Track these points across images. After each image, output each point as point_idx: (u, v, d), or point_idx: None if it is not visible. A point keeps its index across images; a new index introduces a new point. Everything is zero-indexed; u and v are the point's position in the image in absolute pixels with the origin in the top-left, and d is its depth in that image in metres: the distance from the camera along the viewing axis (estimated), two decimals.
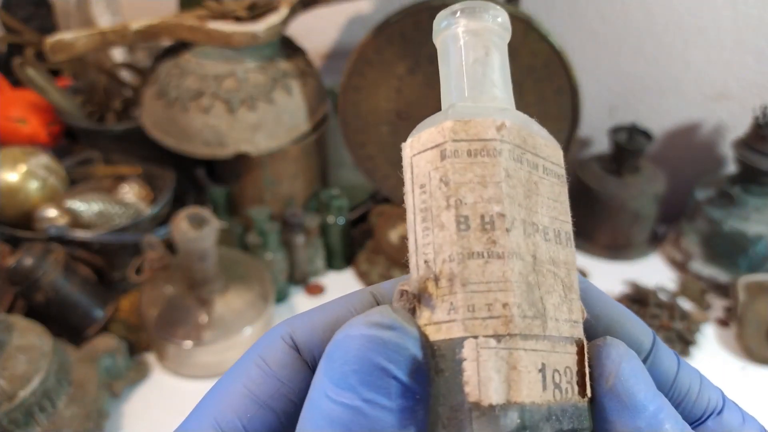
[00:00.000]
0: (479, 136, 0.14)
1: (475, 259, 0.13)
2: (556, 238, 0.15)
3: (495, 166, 0.14)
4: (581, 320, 0.15)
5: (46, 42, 0.63)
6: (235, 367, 0.15)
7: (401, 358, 0.12)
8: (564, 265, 0.15)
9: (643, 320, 0.17)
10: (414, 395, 0.12)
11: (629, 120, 0.77)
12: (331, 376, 0.12)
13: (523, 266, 0.13)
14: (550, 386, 0.13)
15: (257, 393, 0.14)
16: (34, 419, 0.47)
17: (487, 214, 0.14)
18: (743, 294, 0.66)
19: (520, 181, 0.14)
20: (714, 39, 0.73)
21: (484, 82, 0.16)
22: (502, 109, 0.15)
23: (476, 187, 0.14)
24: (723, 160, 0.81)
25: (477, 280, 0.13)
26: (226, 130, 0.63)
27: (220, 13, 0.64)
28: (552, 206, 0.15)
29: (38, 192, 0.63)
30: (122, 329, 0.61)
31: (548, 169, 0.15)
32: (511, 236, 0.13)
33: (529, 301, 0.13)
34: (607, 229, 0.76)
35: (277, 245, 0.67)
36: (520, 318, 0.13)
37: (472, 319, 0.13)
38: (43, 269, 0.56)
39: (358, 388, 0.12)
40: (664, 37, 0.74)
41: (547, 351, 0.13)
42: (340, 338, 0.13)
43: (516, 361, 0.13)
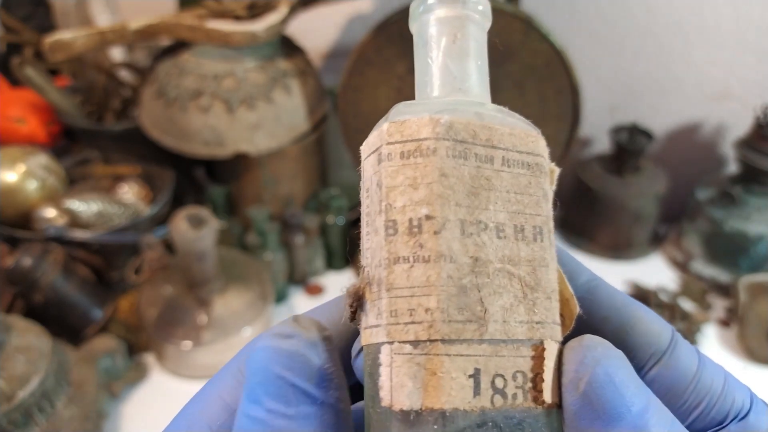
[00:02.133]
0: (413, 136, 0.14)
1: (401, 264, 0.13)
2: (517, 234, 0.14)
3: (427, 166, 0.13)
4: (552, 321, 0.14)
5: (45, 41, 0.63)
6: (214, 377, 0.15)
7: (297, 365, 0.13)
8: (527, 263, 0.14)
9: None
10: (315, 401, 0.12)
11: (630, 120, 0.77)
12: (246, 392, 0.13)
13: (455, 269, 0.13)
14: (487, 392, 0.13)
15: (229, 401, 0.14)
16: (33, 420, 0.47)
17: (416, 217, 0.13)
18: (744, 294, 0.66)
19: (461, 179, 0.13)
20: (715, 39, 0.73)
21: (454, 74, 0.16)
22: (470, 103, 0.15)
23: (407, 189, 0.14)
24: (724, 160, 0.81)
25: (401, 285, 0.13)
26: (225, 129, 0.63)
27: (220, 13, 0.63)
28: (514, 200, 0.14)
29: (37, 192, 0.63)
30: (121, 330, 0.61)
31: (511, 161, 0.14)
32: (441, 239, 0.13)
33: (460, 304, 0.13)
34: (608, 229, 0.75)
35: (277, 245, 0.66)
36: (443, 323, 0.13)
37: (394, 324, 0.13)
38: (42, 269, 0.56)
39: (263, 399, 0.12)
40: (665, 37, 0.74)
41: (486, 355, 0.13)
42: (251, 353, 0.13)
43: (436, 367, 0.13)
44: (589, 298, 0.15)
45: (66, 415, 0.49)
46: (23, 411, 0.46)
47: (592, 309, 0.15)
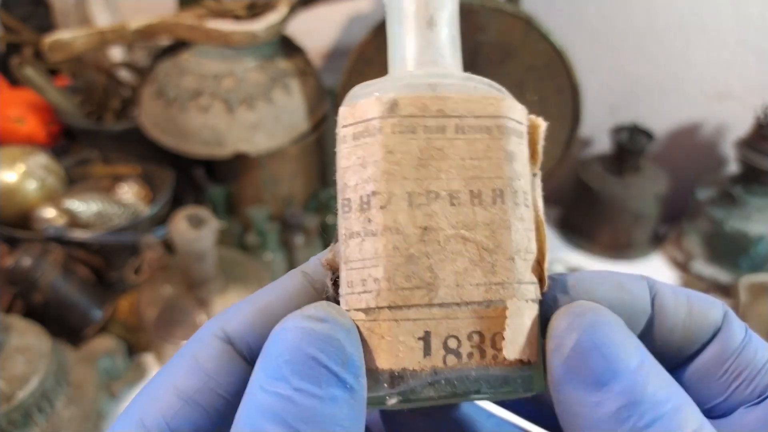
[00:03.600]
0: (362, 117, 0.14)
1: (354, 239, 0.14)
2: (474, 200, 0.14)
3: (373, 146, 0.14)
4: (516, 281, 0.14)
5: (45, 41, 0.63)
6: (166, 365, 0.15)
7: (332, 348, 0.13)
8: (485, 226, 0.14)
9: None
10: (345, 384, 0.13)
11: (630, 119, 0.76)
12: (265, 367, 0.13)
13: (401, 240, 0.14)
14: (439, 352, 0.13)
15: (183, 389, 0.14)
16: (33, 420, 0.47)
17: (365, 194, 0.14)
18: (745, 294, 0.66)
19: (409, 153, 0.14)
20: (716, 38, 0.73)
21: (421, 46, 0.16)
22: (429, 75, 0.15)
23: (358, 169, 0.14)
24: (724, 160, 0.81)
25: (355, 258, 0.14)
26: (224, 129, 0.63)
27: (219, 12, 0.63)
28: (470, 165, 0.14)
29: (36, 192, 0.63)
30: (121, 330, 0.61)
31: (467, 127, 0.14)
32: (387, 212, 0.14)
33: (407, 272, 0.14)
34: (608, 229, 0.75)
35: (277, 245, 0.66)
36: (389, 291, 0.14)
37: (351, 294, 0.14)
38: (42, 269, 0.56)
39: (290, 378, 0.12)
40: (666, 37, 0.74)
41: (437, 318, 0.14)
42: (276, 332, 0.13)
43: (384, 331, 0.14)
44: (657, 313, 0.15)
45: (65, 415, 0.49)
46: (23, 411, 0.46)
47: (656, 324, 0.15)
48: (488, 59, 0.61)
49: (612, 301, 0.15)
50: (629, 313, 0.15)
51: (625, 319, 0.15)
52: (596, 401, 0.12)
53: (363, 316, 0.14)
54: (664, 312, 0.15)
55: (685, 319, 0.15)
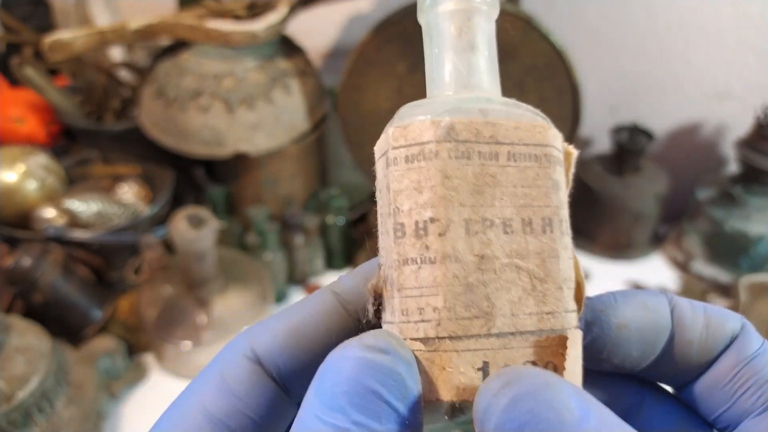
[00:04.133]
0: (416, 140, 0.14)
1: (410, 266, 0.14)
2: (525, 228, 0.14)
3: (429, 170, 0.14)
4: (563, 310, 0.14)
5: (45, 41, 0.63)
6: (193, 384, 0.14)
7: (393, 382, 0.12)
8: (536, 255, 0.14)
9: None
10: (404, 421, 0.12)
11: (630, 120, 0.76)
12: (321, 396, 0.12)
13: (460, 268, 0.14)
14: None
15: (212, 410, 0.14)
16: (33, 420, 0.47)
17: (421, 220, 0.14)
18: (745, 294, 0.66)
19: (465, 179, 0.14)
20: (716, 38, 0.73)
21: (460, 70, 0.16)
22: (476, 99, 0.15)
23: (412, 193, 0.14)
24: (724, 160, 0.81)
25: (411, 285, 0.14)
26: (224, 129, 0.63)
27: (219, 12, 0.63)
28: (521, 194, 0.14)
29: (36, 192, 0.63)
30: (121, 330, 0.61)
31: (518, 154, 0.14)
32: (446, 240, 0.14)
33: (467, 302, 0.13)
34: (608, 229, 0.75)
35: (277, 245, 0.66)
36: (449, 321, 0.13)
37: (406, 322, 0.14)
38: (42, 269, 0.56)
39: (348, 410, 0.12)
40: (666, 37, 0.74)
41: (494, 348, 0.13)
42: (333, 359, 0.13)
43: (445, 362, 0.13)
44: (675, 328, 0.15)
45: (65, 415, 0.49)
46: (23, 411, 0.46)
47: (680, 337, 0.15)
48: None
49: (639, 322, 0.15)
50: (655, 332, 0.15)
51: (651, 338, 0.15)
52: None
53: (422, 346, 0.14)
54: (682, 325, 0.15)
55: (702, 331, 0.15)
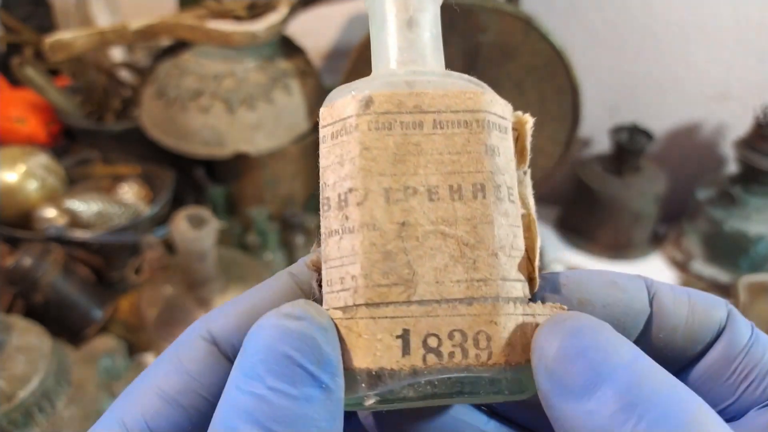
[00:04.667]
0: (340, 116, 0.14)
1: (333, 237, 0.14)
2: (453, 195, 0.14)
3: (350, 143, 0.14)
4: (500, 278, 0.14)
5: (45, 41, 0.63)
6: (150, 366, 0.15)
7: (307, 347, 0.12)
8: (466, 222, 0.14)
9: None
10: (321, 384, 0.12)
11: (630, 120, 0.77)
12: (241, 366, 0.12)
13: (378, 236, 0.13)
14: (418, 351, 0.13)
15: (165, 389, 0.14)
16: (33, 420, 0.47)
17: (342, 192, 0.14)
18: (744, 294, 0.66)
19: (385, 149, 0.14)
20: (715, 39, 0.73)
21: (400, 47, 0.16)
22: (407, 73, 0.15)
23: (336, 167, 0.14)
24: (724, 160, 0.81)
25: (334, 256, 0.14)
26: (225, 129, 0.63)
27: (220, 13, 0.63)
28: (449, 160, 0.14)
29: (37, 192, 0.63)
30: (121, 330, 0.61)
31: (444, 122, 0.14)
32: (364, 209, 0.14)
33: (385, 269, 0.13)
34: (608, 229, 0.75)
35: (277, 245, 0.66)
36: (366, 288, 0.13)
37: (330, 292, 0.14)
38: (42, 269, 0.56)
39: (264, 377, 0.12)
40: (665, 37, 0.74)
41: (416, 316, 0.13)
42: (253, 330, 0.13)
43: (361, 329, 0.13)
44: (656, 312, 0.15)
45: (66, 415, 0.49)
46: (23, 411, 0.46)
47: (657, 324, 0.15)
48: (488, 59, 0.61)
49: (605, 300, 0.14)
50: (625, 312, 0.14)
51: (621, 318, 0.14)
52: (588, 410, 0.12)
53: (341, 314, 0.14)
54: (664, 311, 0.15)
55: (688, 318, 0.14)
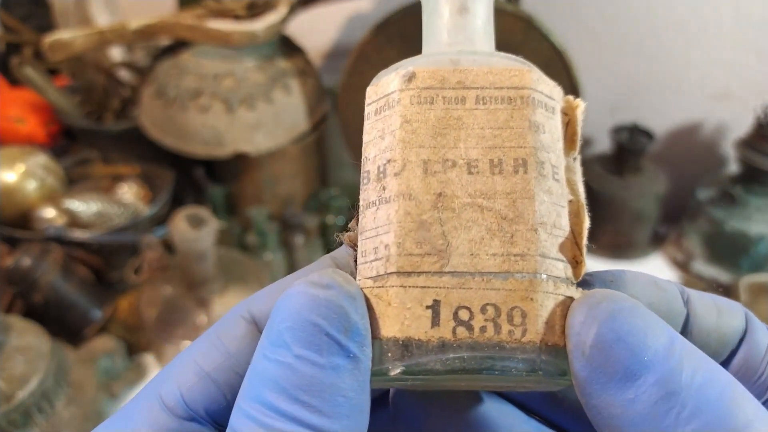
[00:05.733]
0: (383, 93, 0.15)
1: (370, 208, 0.14)
2: (494, 169, 0.14)
3: (392, 117, 0.14)
4: (540, 254, 0.13)
5: (45, 41, 0.63)
6: (191, 344, 0.15)
7: (335, 315, 0.12)
8: (505, 196, 0.13)
9: None
10: (348, 354, 0.12)
11: (630, 119, 0.76)
12: (269, 334, 0.12)
13: (414, 206, 0.13)
14: (448, 323, 0.13)
15: (202, 364, 0.14)
16: (33, 420, 0.47)
17: (381, 164, 0.14)
18: (745, 294, 0.66)
19: (426, 122, 0.14)
20: (716, 38, 0.73)
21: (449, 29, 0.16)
22: (455, 52, 0.15)
23: (377, 141, 0.14)
24: (725, 160, 0.81)
25: (370, 227, 0.14)
26: (224, 129, 0.63)
27: (219, 12, 0.63)
28: (490, 135, 0.14)
29: (36, 192, 0.63)
30: (121, 330, 0.61)
31: (487, 98, 0.14)
32: (401, 178, 0.14)
33: (418, 238, 0.13)
34: (609, 229, 0.75)
35: (277, 245, 0.66)
36: (398, 256, 0.13)
37: (363, 263, 0.14)
38: (42, 269, 0.56)
39: (291, 345, 0.12)
40: (666, 37, 0.74)
41: (449, 288, 0.13)
42: (281, 298, 0.13)
43: (391, 298, 0.13)
44: (691, 316, 0.15)
45: (65, 415, 0.49)
46: (22, 411, 0.46)
47: (694, 327, 0.14)
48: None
49: (650, 298, 0.14)
50: (666, 312, 0.14)
51: (664, 318, 0.14)
52: (630, 398, 0.11)
53: (371, 283, 0.13)
54: (698, 314, 0.14)
55: (717, 321, 0.14)
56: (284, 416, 0.12)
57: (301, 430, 0.11)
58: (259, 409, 0.12)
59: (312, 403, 0.12)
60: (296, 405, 0.12)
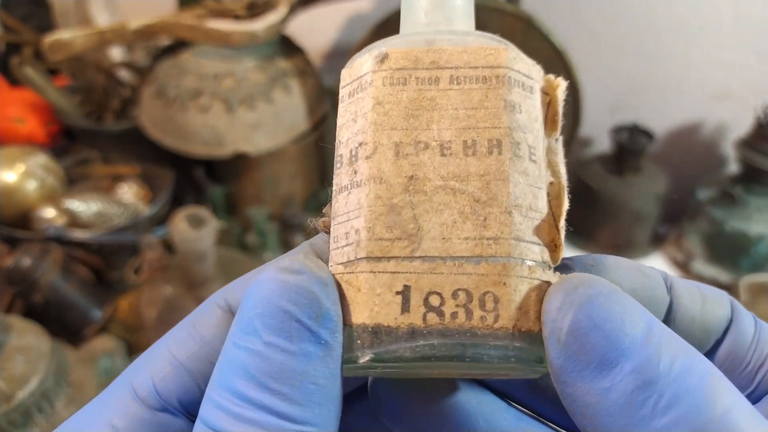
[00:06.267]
0: (357, 75, 0.14)
1: (342, 193, 0.14)
2: (467, 150, 0.13)
3: (364, 99, 0.14)
4: (514, 237, 0.13)
5: (45, 41, 0.63)
6: (168, 333, 0.15)
7: (306, 301, 0.12)
8: (479, 178, 0.13)
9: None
10: (320, 340, 0.12)
11: (630, 119, 0.76)
12: (239, 322, 0.12)
13: (385, 189, 0.13)
14: (419, 309, 0.12)
15: (176, 353, 0.14)
16: (33, 420, 0.47)
17: (354, 147, 0.14)
18: (745, 294, 0.66)
19: (398, 103, 0.13)
20: (715, 38, 0.73)
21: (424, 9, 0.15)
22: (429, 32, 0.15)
23: (350, 124, 0.14)
24: (725, 160, 0.81)
25: (342, 212, 0.14)
26: (224, 129, 0.63)
27: (219, 12, 0.63)
28: (464, 116, 0.13)
29: (36, 192, 0.63)
30: (121, 330, 0.61)
31: (462, 77, 0.13)
32: (372, 161, 0.13)
33: (389, 223, 0.13)
34: (609, 229, 0.75)
35: (277, 245, 0.66)
36: (368, 241, 0.13)
37: (335, 249, 0.14)
38: (42, 269, 0.56)
39: (261, 332, 0.12)
40: (666, 37, 0.74)
41: (418, 273, 0.12)
42: (252, 284, 0.12)
43: (360, 283, 0.13)
44: (675, 304, 0.14)
45: (65, 415, 0.49)
46: (22, 411, 0.46)
47: (677, 315, 0.14)
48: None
49: (632, 284, 0.14)
50: (649, 298, 0.14)
51: (646, 304, 0.13)
52: (606, 387, 0.11)
53: (342, 269, 0.13)
54: (681, 302, 0.14)
55: (702, 309, 0.14)
56: (254, 405, 0.11)
57: (271, 418, 0.11)
58: (229, 398, 0.12)
59: (282, 390, 0.11)
60: (266, 393, 0.11)
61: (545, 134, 0.15)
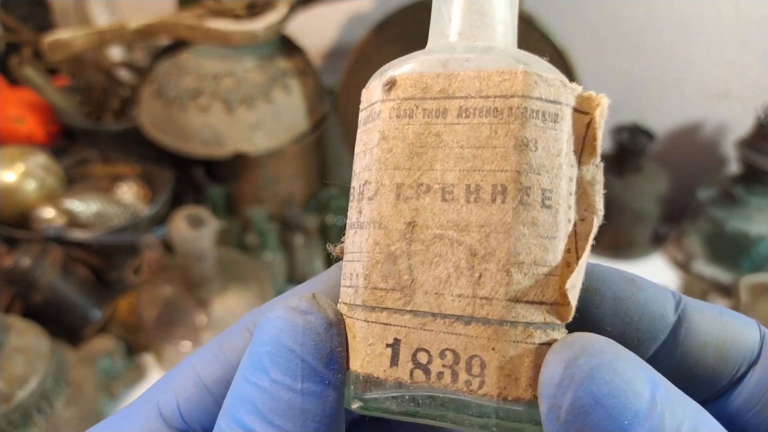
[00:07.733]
0: (369, 101, 0.14)
1: (351, 230, 0.14)
2: (469, 196, 0.12)
3: (373, 131, 0.13)
4: (508, 298, 0.12)
5: (44, 41, 0.63)
6: (194, 352, 0.15)
7: (312, 342, 0.12)
8: (479, 228, 0.12)
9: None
10: (323, 380, 0.12)
11: (631, 119, 0.76)
12: (250, 356, 0.13)
13: (383, 235, 0.13)
14: (407, 364, 0.12)
15: (202, 375, 0.14)
16: (32, 421, 0.47)
17: (360, 184, 0.13)
18: (745, 294, 0.65)
19: (403, 139, 0.13)
20: (716, 38, 0.73)
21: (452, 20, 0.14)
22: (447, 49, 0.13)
23: (361, 157, 0.14)
24: (725, 160, 0.81)
25: (349, 249, 0.14)
26: (224, 129, 0.63)
27: (219, 12, 0.63)
28: (470, 155, 0.12)
29: (36, 192, 0.63)
30: (120, 330, 0.60)
31: (471, 109, 0.12)
32: (373, 204, 0.13)
33: (384, 272, 0.12)
34: (609, 229, 0.75)
35: (276, 245, 0.66)
36: (365, 289, 0.13)
37: (344, 286, 0.14)
38: (41, 270, 0.56)
39: (269, 369, 0.12)
40: (666, 37, 0.74)
41: (409, 327, 0.12)
42: (262, 320, 0.13)
43: (356, 331, 0.13)
44: (685, 326, 0.14)
45: (65, 415, 0.49)
46: (22, 412, 0.46)
47: (687, 338, 0.13)
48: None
49: (617, 293, 0.14)
50: (639, 311, 0.13)
51: (634, 317, 0.13)
52: None
53: (346, 309, 0.13)
54: (693, 324, 0.13)
55: (719, 334, 0.13)
56: None
57: None
58: (236, 430, 0.12)
59: (286, 427, 0.12)
60: (271, 429, 0.12)
61: (582, 161, 0.14)
